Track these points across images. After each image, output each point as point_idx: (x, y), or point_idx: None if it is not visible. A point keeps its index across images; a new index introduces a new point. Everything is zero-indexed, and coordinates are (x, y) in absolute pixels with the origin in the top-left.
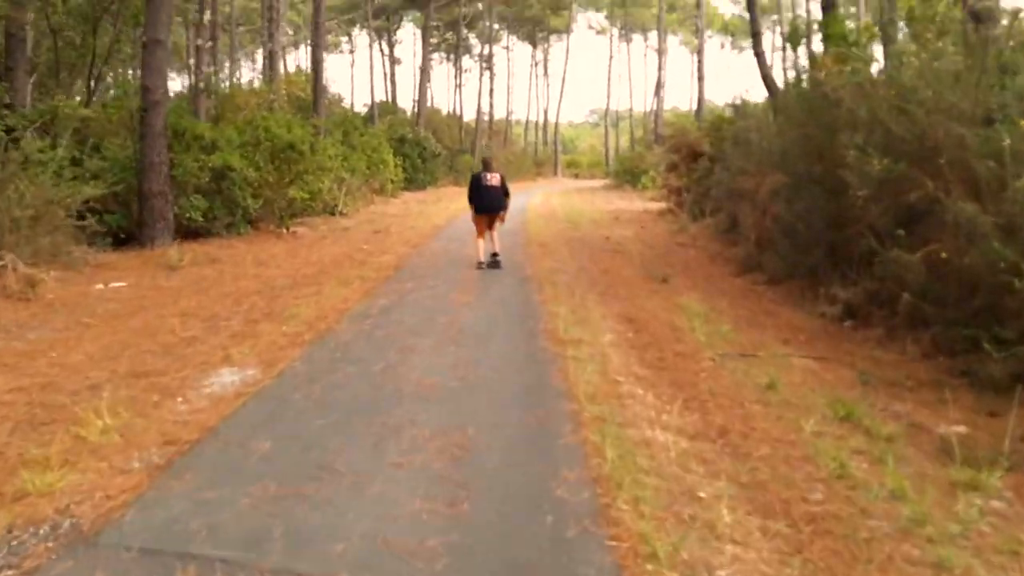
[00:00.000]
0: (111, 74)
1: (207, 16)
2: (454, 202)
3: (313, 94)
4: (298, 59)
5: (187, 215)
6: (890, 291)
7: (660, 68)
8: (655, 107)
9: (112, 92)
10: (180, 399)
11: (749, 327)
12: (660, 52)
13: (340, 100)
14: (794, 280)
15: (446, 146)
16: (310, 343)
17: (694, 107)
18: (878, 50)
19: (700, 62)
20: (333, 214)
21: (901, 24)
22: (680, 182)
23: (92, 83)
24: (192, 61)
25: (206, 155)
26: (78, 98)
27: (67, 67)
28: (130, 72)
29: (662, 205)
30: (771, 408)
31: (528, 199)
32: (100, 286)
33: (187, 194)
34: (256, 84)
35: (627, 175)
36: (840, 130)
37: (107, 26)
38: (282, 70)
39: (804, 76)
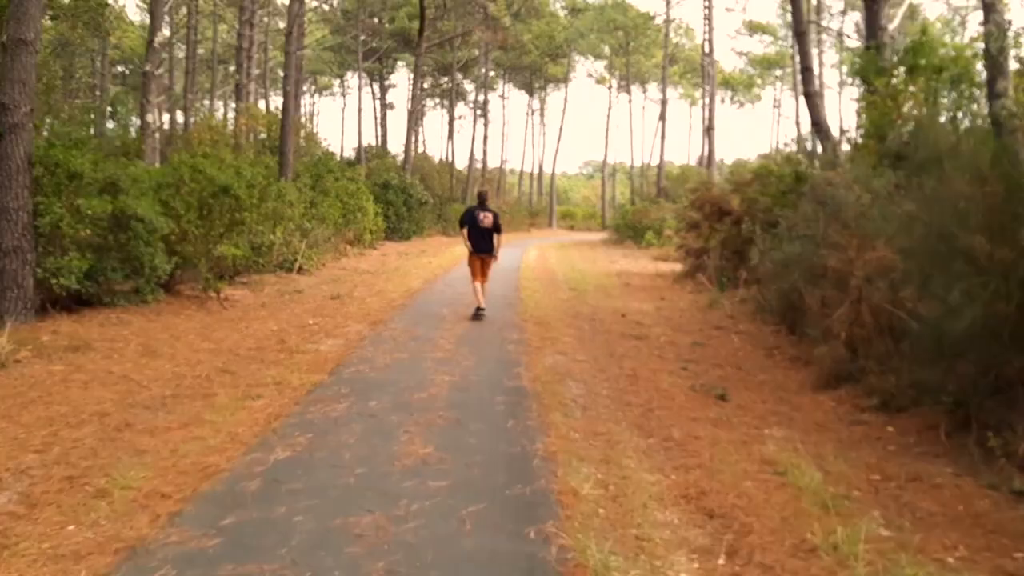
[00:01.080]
0: None
1: (158, 37)
2: (438, 256)
3: (281, 131)
4: None
5: (57, 279)
6: None
7: (663, 118)
8: (658, 159)
9: None
10: None
11: (915, 525)
12: (663, 102)
13: (316, 138)
14: (922, 408)
15: (436, 194)
16: None
17: (693, 160)
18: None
19: (711, 110)
20: (291, 270)
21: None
22: (700, 243)
23: None
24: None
25: (91, 199)
26: None
27: None
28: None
29: (676, 267)
30: None
31: (522, 254)
32: None
33: (60, 251)
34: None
35: (629, 230)
36: None
37: None
38: (262, 108)
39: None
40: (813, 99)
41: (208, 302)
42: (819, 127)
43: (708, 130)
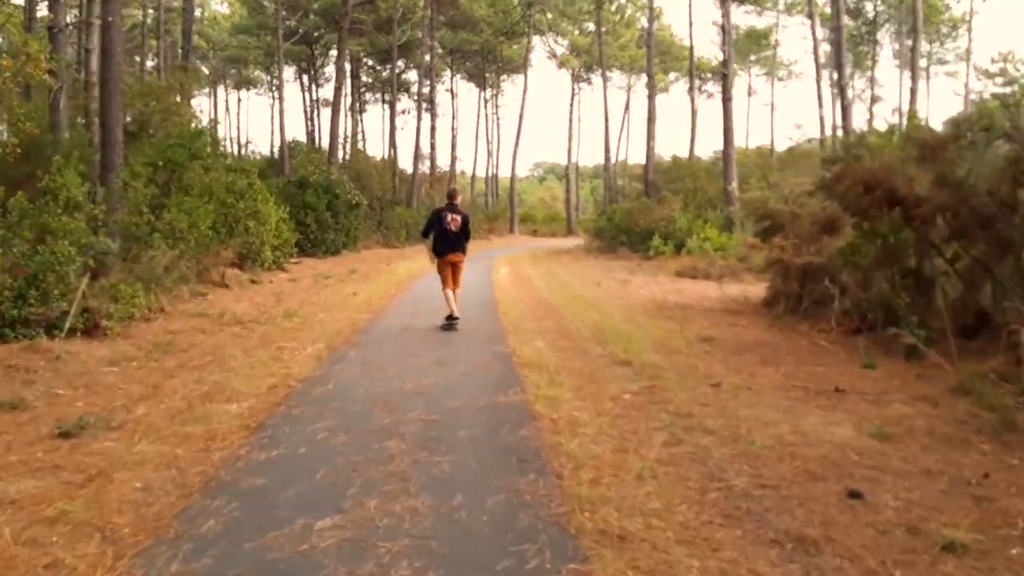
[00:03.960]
0: None
1: None
2: (371, 281)
3: (100, 90)
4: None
5: None
6: None
7: (651, 98)
8: (646, 148)
9: None
10: None
11: None
12: (650, 83)
13: (194, 115)
14: None
15: (375, 196)
16: None
17: (681, 153)
18: None
19: (726, 75)
20: (62, 331)
21: None
22: (817, 256)
23: None
24: None
25: None
26: None
27: None
28: None
29: (739, 289)
30: None
31: (491, 273)
32: None
33: None
34: None
35: (622, 235)
36: None
37: None
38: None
39: None
40: None
41: None
42: None
43: (725, 101)
